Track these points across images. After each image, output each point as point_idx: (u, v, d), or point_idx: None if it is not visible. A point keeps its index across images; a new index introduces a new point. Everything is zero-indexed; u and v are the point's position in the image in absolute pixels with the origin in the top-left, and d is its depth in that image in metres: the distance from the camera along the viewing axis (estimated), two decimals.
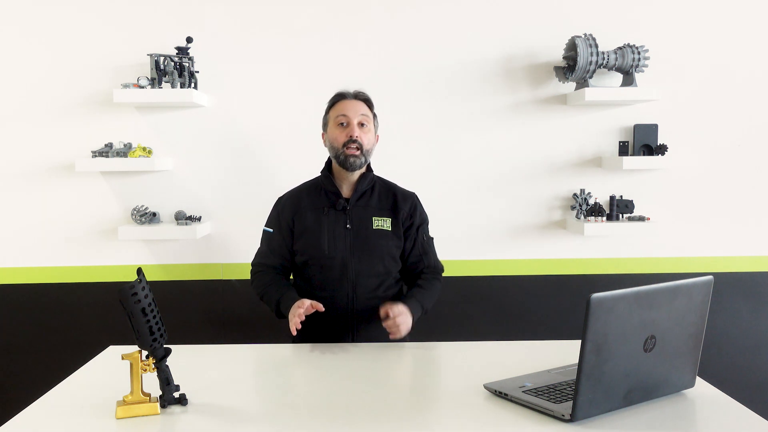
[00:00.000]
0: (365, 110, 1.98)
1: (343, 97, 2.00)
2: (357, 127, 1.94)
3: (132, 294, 1.28)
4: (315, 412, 1.35)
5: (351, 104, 1.97)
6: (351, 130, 1.93)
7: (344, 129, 1.94)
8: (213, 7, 2.58)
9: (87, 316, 2.66)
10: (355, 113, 1.95)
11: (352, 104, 1.97)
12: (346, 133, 1.93)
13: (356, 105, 1.97)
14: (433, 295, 1.99)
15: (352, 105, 1.97)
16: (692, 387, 1.44)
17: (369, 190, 2.00)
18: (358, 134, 1.92)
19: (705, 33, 2.65)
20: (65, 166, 2.60)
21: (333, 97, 2.02)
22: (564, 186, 2.68)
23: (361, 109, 1.97)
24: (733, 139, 2.69)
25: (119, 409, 1.32)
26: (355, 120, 1.94)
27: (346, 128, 1.94)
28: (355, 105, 1.97)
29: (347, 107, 1.96)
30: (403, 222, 1.99)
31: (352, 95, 2.00)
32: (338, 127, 1.95)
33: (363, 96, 2.01)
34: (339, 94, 2.01)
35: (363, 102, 1.99)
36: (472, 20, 2.62)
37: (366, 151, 1.95)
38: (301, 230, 1.97)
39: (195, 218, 2.60)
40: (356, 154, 1.92)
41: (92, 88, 2.58)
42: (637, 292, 1.26)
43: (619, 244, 2.71)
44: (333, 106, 2.00)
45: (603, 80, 2.62)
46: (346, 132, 1.93)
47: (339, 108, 1.97)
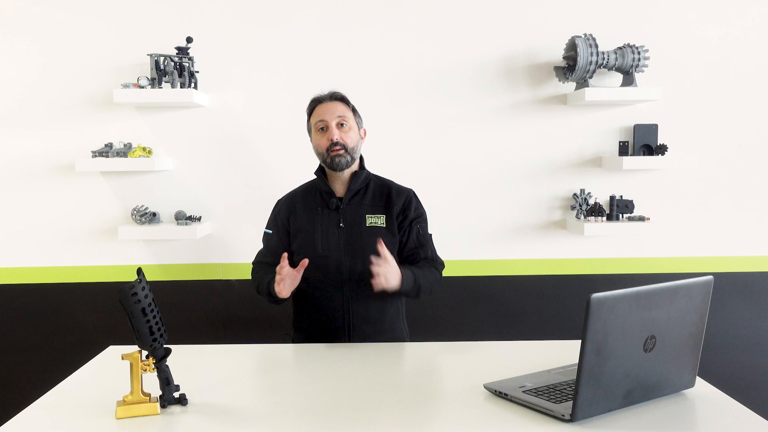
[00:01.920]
0: (341, 110, 1.97)
1: (318, 102, 2.00)
2: (336, 129, 1.93)
3: (132, 294, 1.28)
4: (315, 412, 1.35)
5: (327, 107, 1.97)
6: (331, 134, 1.93)
7: (325, 133, 1.95)
8: (213, 7, 2.59)
9: (87, 316, 2.66)
10: (332, 116, 1.95)
11: (328, 107, 1.97)
12: (326, 137, 1.94)
13: (332, 107, 1.97)
14: (428, 276, 1.93)
15: (327, 108, 1.97)
16: (692, 387, 1.44)
17: (363, 188, 1.99)
18: (338, 136, 1.92)
19: (705, 33, 2.65)
20: (65, 166, 2.60)
21: (309, 104, 2.02)
22: (564, 186, 2.68)
23: (338, 109, 1.96)
24: (733, 139, 2.69)
25: (119, 409, 1.32)
26: (333, 122, 1.94)
27: (326, 132, 1.94)
28: (330, 107, 1.97)
29: (323, 111, 1.96)
30: (396, 217, 1.98)
31: (327, 97, 1.99)
32: (319, 133, 1.96)
33: (338, 95, 2.00)
34: (314, 99, 2.01)
35: (339, 101, 1.99)
36: (472, 20, 2.62)
37: (351, 149, 1.94)
38: (296, 231, 1.98)
39: (195, 218, 2.60)
40: (341, 153, 1.92)
41: (92, 88, 2.58)
42: (637, 292, 1.26)
43: (619, 244, 2.71)
44: (311, 113, 2.00)
45: (603, 80, 2.62)
46: (326, 136, 1.94)
47: (317, 113, 1.98)
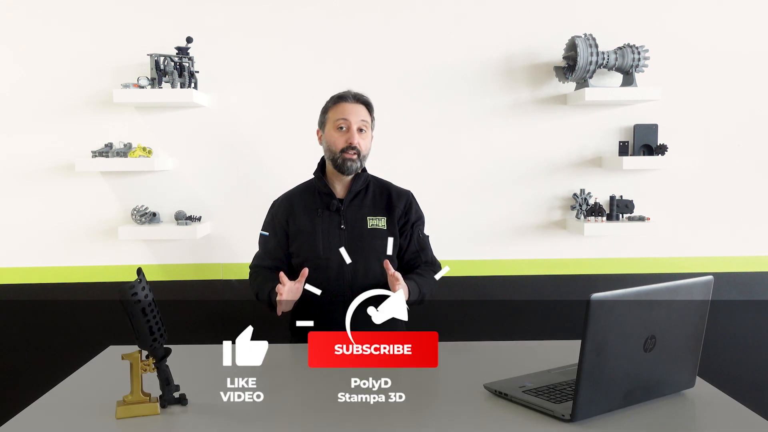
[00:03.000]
0: (365, 115, 1.94)
1: (344, 99, 1.95)
2: (357, 133, 1.91)
3: (132, 294, 1.28)
4: (315, 412, 1.35)
5: (352, 108, 1.93)
6: (351, 137, 1.90)
7: (344, 134, 1.91)
8: (213, 7, 2.58)
9: (87, 316, 2.66)
10: (356, 118, 1.92)
11: (354, 108, 1.93)
12: (345, 138, 1.90)
13: (357, 109, 1.94)
14: (430, 284, 1.92)
15: (353, 109, 1.93)
16: (692, 387, 1.44)
17: (363, 190, 1.98)
18: (357, 141, 1.90)
19: (705, 33, 2.65)
20: (65, 166, 2.60)
21: (334, 97, 1.98)
22: (564, 186, 2.68)
23: (362, 114, 1.94)
24: (733, 139, 2.69)
25: (119, 409, 1.32)
26: (355, 126, 1.91)
27: (345, 133, 1.91)
28: (356, 109, 1.94)
29: (348, 111, 1.93)
30: (398, 220, 1.97)
31: (354, 98, 1.95)
32: (337, 131, 1.92)
33: (364, 99, 1.97)
34: (340, 95, 1.97)
35: (364, 106, 1.96)
36: (472, 20, 2.62)
37: (363, 156, 1.93)
38: (296, 232, 1.96)
39: (195, 218, 2.60)
40: (353, 159, 1.90)
41: (92, 88, 2.58)
42: (637, 292, 1.26)
43: (619, 244, 2.71)
44: (333, 107, 1.96)
45: (603, 80, 2.61)
46: (345, 138, 1.91)
47: (339, 110, 1.93)
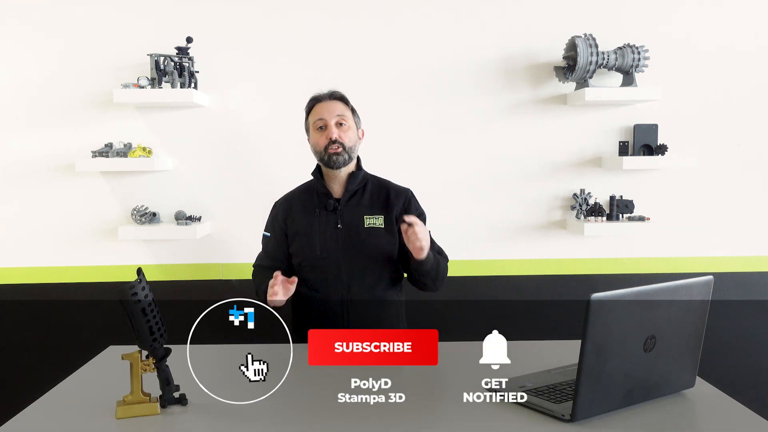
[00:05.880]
0: (341, 109, 1.97)
1: (318, 101, 1.99)
2: (335, 127, 1.94)
3: (132, 294, 1.28)
4: (315, 412, 1.35)
5: (326, 106, 1.97)
6: (329, 132, 1.93)
7: (323, 132, 1.94)
8: (213, 7, 2.58)
9: (87, 316, 2.66)
10: (331, 114, 1.95)
11: (327, 106, 1.97)
12: (325, 135, 1.93)
13: (331, 105, 1.97)
14: (440, 260, 1.92)
15: (327, 107, 1.96)
16: (692, 387, 1.44)
17: (361, 189, 1.99)
18: (337, 135, 1.93)
19: (705, 33, 2.65)
20: (65, 166, 2.60)
21: (308, 102, 2.02)
22: (564, 186, 2.68)
23: (337, 108, 1.96)
24: (733, 139, 2.69)
25: (119, 409, 1.32)
26: (332, 121, 1.94)
27: (325, 131, 1.94)
28: (330, 106, 1.97)
29: (323, 110, 1.96)
30: (397, 218, 1.97)
31: (327, 96, 1.99)
32: (318, 132, 1.96)
33: (337, 95, 2.00)
34: (313, 97, 2.01)
35: (338, 101, 1.99)
36: (471, 20, 2.62)
37: (349, 148, 1.94)
38: (294, 233, 1.97)
39: (195, 218, 2.60)
40: (339, 152, 1.92)
41: (92, 88, 2.58)
42: (637, 292, 1.26)
43: (619, 244, 2.71)
44: (310, 112, 2.00)
45: (603, 80, 2.61)
46: (325, 135, 1.93)
47: (316, 112, 1.97)
